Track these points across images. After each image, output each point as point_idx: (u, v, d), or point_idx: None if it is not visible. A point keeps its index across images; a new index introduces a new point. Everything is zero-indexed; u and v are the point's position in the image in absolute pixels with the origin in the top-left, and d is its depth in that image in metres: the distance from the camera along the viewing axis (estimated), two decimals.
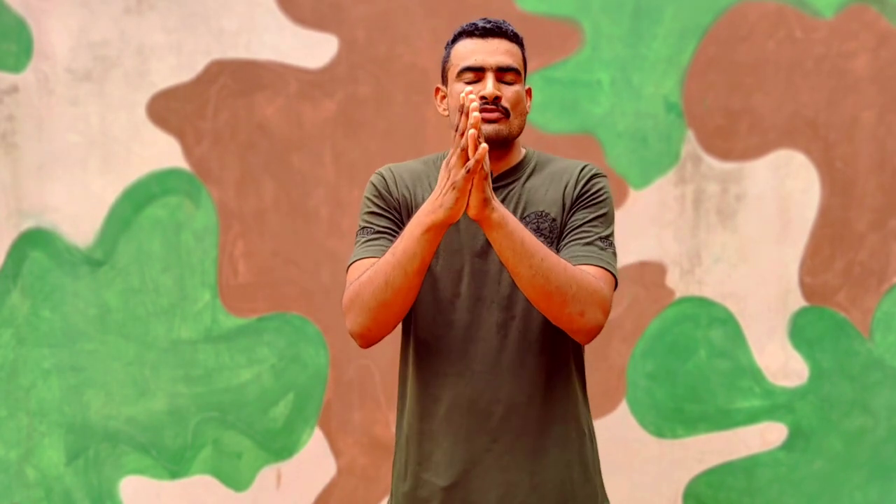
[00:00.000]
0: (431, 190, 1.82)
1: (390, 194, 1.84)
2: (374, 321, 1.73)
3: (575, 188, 1.81)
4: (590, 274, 1.71)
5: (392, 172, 1.87)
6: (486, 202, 1.59)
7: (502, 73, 1.79)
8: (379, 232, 1.82)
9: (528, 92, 1.90)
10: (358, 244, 1.83)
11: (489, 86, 1.77)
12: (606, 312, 1.73)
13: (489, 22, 1.82)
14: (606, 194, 1.83)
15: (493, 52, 1.79)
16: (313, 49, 2.84)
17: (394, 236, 1.79)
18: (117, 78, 2.84)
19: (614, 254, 1.80)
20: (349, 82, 2.84)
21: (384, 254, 1.72)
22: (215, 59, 2.84)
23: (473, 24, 1.82)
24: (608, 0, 2.79)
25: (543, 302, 1.68)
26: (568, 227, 1.80)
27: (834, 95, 2.78)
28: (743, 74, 2.79)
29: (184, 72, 2.84)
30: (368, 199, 1.86)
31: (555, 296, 1.66)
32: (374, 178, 1.88)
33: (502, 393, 1.78)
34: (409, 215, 1.81)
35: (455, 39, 1.84)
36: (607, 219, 1.81)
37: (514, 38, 1.83)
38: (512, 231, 1.63)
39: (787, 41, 2.78)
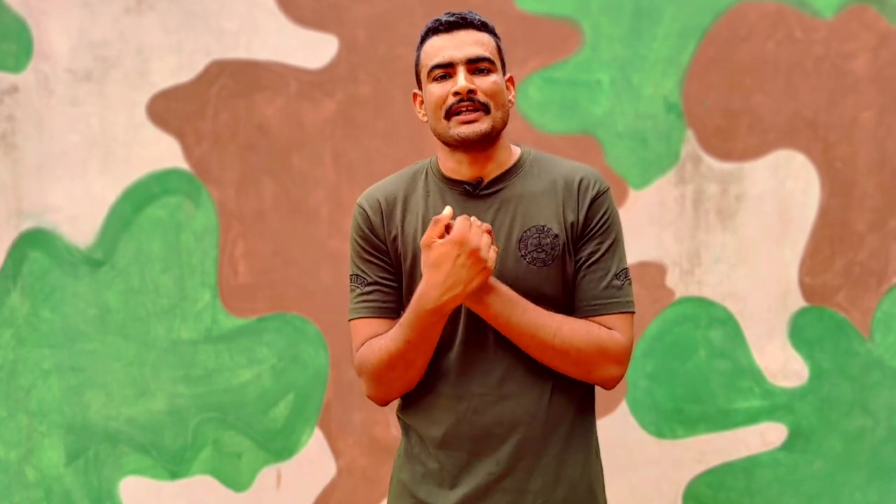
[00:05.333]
0: (413, 207, 1.79)
1: (374, 234, 1.80)
2: (397, 393, 1.78)
3: (579, 210, 1.75)
4: (598, 329, 1.72)
5: (374, 203, 1.82)
6: (478, 301, 1.65)
7: (474, 65, 1.70)
8: (371, 283, 1.80)
9: (511, 81, 1.81)
10: (353, 295, 1.82)
11: (461, 79, 1.68)
12: (620, 360, 1.74)
13: (453, 15, 1.73)
14: (613, 214, 1.78)
15: (461, 44, 1.70)
16: (313, 49, 2.84)
17: (386, 286, 1.79)
18: (117, 78, 2.84)
19: (630, 283, 1.77)
20: (349, 82, 2.84)
21: (381, 312, 1.78)
22: (215, 59, 2.84)
23: (437, 20, 1.75)
24: (608, 0, 2.79)
25: (550, 366, 1.73)
26: (581, 258, 1.75)
27: (834, 95, 2.78)
28: (743, 75, 2.79)
29: (184, 72, 2.84)
30: (355, 240, 1.83)
31: (556, 364, 1.71)
32: (355, 212, 1.83)
33: (503, 414, 1.73)
34: (396, 247, 1.79)
35: (423, 40, 1.77)
36: (618, 243, 1.77)
37: (483, 28, 1.74)
38: (495, 318, 1.67)
39: (786, 41, 2.78)
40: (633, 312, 1.77)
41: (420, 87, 1.80)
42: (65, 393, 2.87)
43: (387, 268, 1.80)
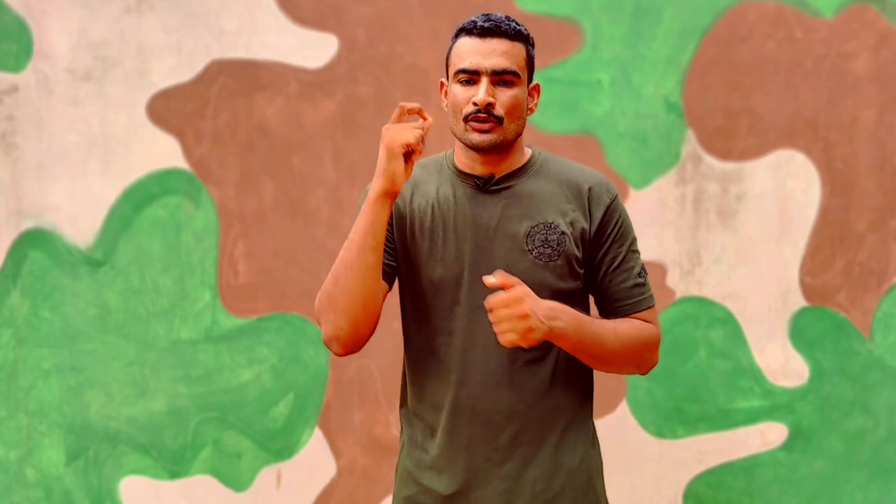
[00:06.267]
0: (423, 192, 1.84)
1: None
2: (345, 318, 1.73)
3: (591, 219, 1.82)
4: (641, 325, 1.82)
5: None
6: (532, 331, 1.62)
7: (498, 76, 1.73)
8: None
9: (536, 89, 1.84)
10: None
11: (481, 92, 1.71)
12: (657, 348, 1.87)
13: (489, 20, 1.74)
14: (625, 217, 1.87)
15: (490, 54, 1.72)
16: (313, 49, 2.84)
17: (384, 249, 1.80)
18: (117, 78, 2.84)
19: (647, 275, 1.87)
20: (349, 82, 2.84)
21: None
22: (215, 59, 2.84)
23: (474, 21, 1.76)
24: (608, 0, 2.79)
25: (605, 370, 1.83)
26: (605, 264, 1.82)
27: (834, 95, 2.78)
28: (743, 75, 2.79)
29: (184, 72, 2.84)
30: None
31: (615, 367, 1.83)
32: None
33: (503, 401, 1.77)
34: (403, 225, 1.83)
35: (457, 35, 1.79)
36: (634, 243, 1.87)
37: (516, 37, 1.75)
38: (571, 339, 1.71)
39: (786, 41, 2.78)
40: (655, 304, 1.88)
41: (447, 77, 1.83)
42: (65, 393, 2.87)
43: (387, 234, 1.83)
